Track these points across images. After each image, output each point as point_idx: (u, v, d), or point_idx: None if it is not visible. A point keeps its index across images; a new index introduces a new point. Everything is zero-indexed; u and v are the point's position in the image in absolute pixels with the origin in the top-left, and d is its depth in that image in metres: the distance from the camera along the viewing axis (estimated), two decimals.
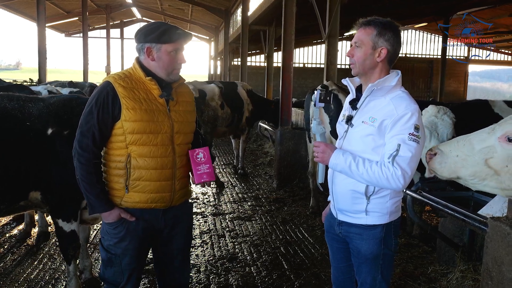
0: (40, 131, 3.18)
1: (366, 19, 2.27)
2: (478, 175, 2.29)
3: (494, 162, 2.24)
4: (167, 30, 2.37)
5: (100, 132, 2.34)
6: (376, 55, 2.22)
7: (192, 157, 2.50)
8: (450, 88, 28.62)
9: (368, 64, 2.24)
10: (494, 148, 2.24)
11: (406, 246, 4.89)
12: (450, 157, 2.32)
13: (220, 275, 4.20)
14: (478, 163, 2.27)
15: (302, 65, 30.40)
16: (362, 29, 2.25)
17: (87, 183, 2.35)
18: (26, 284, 3.89)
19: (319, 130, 2.37)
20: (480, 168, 2.27)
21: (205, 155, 2.51)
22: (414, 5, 15.76)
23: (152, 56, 2.40)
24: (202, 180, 2.50)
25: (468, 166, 2.29)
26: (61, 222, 3.32)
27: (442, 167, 2.35)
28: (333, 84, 6.10)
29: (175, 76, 2.48)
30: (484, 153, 2.25)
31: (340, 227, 2.41)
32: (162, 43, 2.37)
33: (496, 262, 2.47)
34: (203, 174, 2.49)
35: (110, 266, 2.46)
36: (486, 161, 2.25)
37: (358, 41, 2.25)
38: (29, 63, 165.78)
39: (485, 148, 2.26)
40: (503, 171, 2.23)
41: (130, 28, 37.69)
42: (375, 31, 2.21)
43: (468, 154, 2.29)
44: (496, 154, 2.23)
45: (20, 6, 24.25)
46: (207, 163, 2.50)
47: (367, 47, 2.22)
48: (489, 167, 2.25)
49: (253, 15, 16.13)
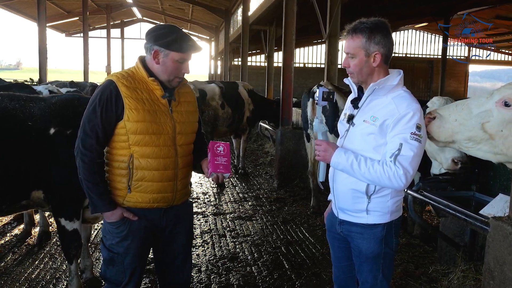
0: (42, 131, 3.18)
1: (352, 25, 2.24)
2: (474, 139, 2.29)
3: (490, 126, 2.24)
4: (179, 38, 2.34)
5: (104, 131, 2.33)
6: (371, 61, 2.21)
7: (213, 148, 2.47)
8: (451, 88, 28.59)
9: (366, 71, 2.24)
10: (491, 112, 2.24)
11: (407, 246, 4.89)
12: (449, 122, 2.32)
13: (221, 275, 4.20)
14: (474, 127, 2.27)
15: (302, 65, 30.38)
16: (350, 39, 2.22)
17: (91, 182, 2.34)
18: (27, 284, 3.89)
19: (321, 128, 2.36)
20: (476, 132, 2.27)
21: (225, 149, 2.48)
22: (414, 5, 15.77)
23: (158, 60, 2.38)
24: (218, 170, 2.43)
25: (464, 130, 2.29)
26: (63, 221, 3.32)
27: (440, 131, 2.34)
28: (329, 84, 6.10)
29: (175, 84, 2.47)
30: (481, 117, 2.26)
31: (341, 226, 2.41)
32: (171, 50, 2.34)
33: (498, 262, 2.47)
34: (220, 165, 2.45)
35: (112, 265, 2.46)
36: (483, 125, 2.25)
37: (349, 52, 2.23)
38: (30, 63, 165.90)
39: (483, 112, 2.26)
40: (497, 135, 2.23)
41: (130, 28, 37.76)
42: (363, 38, 2.18)
43: (466, 118, 2.29)
44: (493, 118, 2.23)
45: (20, 6, 24.24)
46: (226, 156, 2.48)
47: (360, 56, 2.21)
48: (484, 131, 2.26)
49: (253, 15, 16.13)
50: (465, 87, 30.87)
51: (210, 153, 2.47)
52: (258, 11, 15.17)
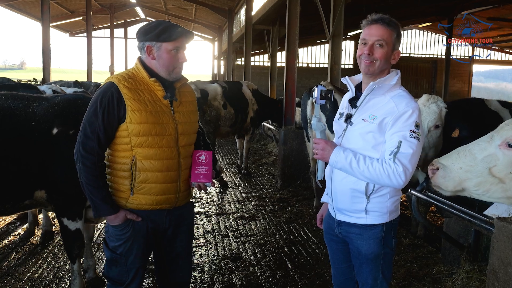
0: (45, 131, 3.18)
1: (382, 16, 2.20)
2: (483, 185, 2.26)
3: (498, 170, 2.22)
4: (167, 28, 2.33)
5: (105, 134, 2.31)
6: (392, 58, 2.23)
7: (195, 157, 2.53)
8: (454, 88, 28.52)
9: (385, 65, 2.22)
10: (496, 156, 2.22)
11: (411, 247, 4.87)
12: (453, 170, 2.29)
13: (224, 275, 4.20)
14: (482, 173, 2.24)
15: (306, 65, 30.38)
16: (383, 28, 2.18)
17: (93, 186, 2.31)
18: (30, 283, 3.89)
19: (319, 127, 2.35)
20: (484, 177, 2.24)
21: (206, 158, 2.54)
22: (418, 5, 15.72)
23: (153, 55, 2.38)
24: (198, 180, 2.52)
25: (472, 177, 2.26)
26: (66, 221, 3.32)
27: (447, 181, 2.31)
28: (329, 85, 6.08)
29: (177, 75, 2.46)
30: (487, 162, 2.23)
31: (340, 228, 2.40)
32: (162, 41, 2.34)
33: (502, 262, 2.46)
34: (200, 174, 2.52)
35: (115, 266, 2.46)
36: (490, 169, 2.23)
37: (382, 40, 2.18)
38: (33, 63, 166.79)
39: (487, 156, 2.24)
40: (507, 177, 2.21)
41: (134, 28, 37.70)
42: (395, 34, 2.20)
43: (471, 165, 2.26)
44: (499, 161, 2.21)
45: (24, 6, 24.34)
46: (207, 165, 2.53)
47: (389, 48, 2.20)
48: (493, 175, 2.23)
49: (256, 14, 16.14)
50: (469, 87, 30.79)
51: (192, 162, 2.53)
52: (261, 11, 15.18)
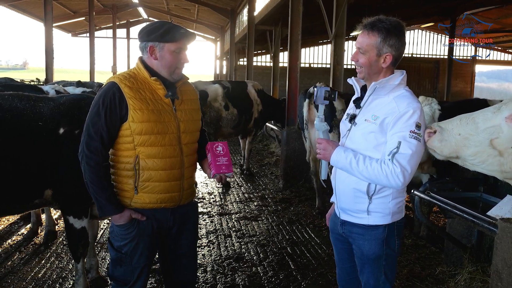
0: (52, 131, 3.21)
1: (370, 20, 2.22)
2: (480, 155, 2.21)
3: (499, 142, 2.17)
4: (171, 29, 2.35)
5: (109, 134, 2.33)
6: (381, 61, 2.21)
7: (212, 149, 2.51)
8: (457, 89, 28.46)
9: (374, 69, 2.24)
10: (500, 128, 2.16)
11: (414, 247, 4.87)
12: (452, 135, 2.25)
13: (227, 275, 4.20)
14: (482, 143, 2.19)
15: (308, 65, 30.35)
16: (365, 34, 2.21)
17: (98, 186, 2.33)
18: (33, 283, 3.91)
19: (322, 127, 2.37)
20: (483, 148, 2.20)
21: (224, 149, 2.52)
22: (420, 5, 15.70)
23: (155, 55, 2.39)
24: (221, 171, 2.48)
25: (470, 145, 2.22)
26: (72, 219, 3.34)
27: (443, 145, 2.25)
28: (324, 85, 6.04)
29: (177, 76, 2.47)
30: (489, 132, 2.18)
31: (343, 227, 2.41)
32: (165, 42, 2.36)
33: (506, 263, 2.45)
34: (222, 165, 2.49)
35: (120, 265, 2.46)
36: (491, 141, 2.18)
37: (361, 48, 2.22)
38: (36, 63, 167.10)
39: (491, 127, 2.18)
40: (507, 151, 2.17)
41: (136, 28, 37.76)
42: (379, 38, 2.17)
43: (472, 133, 2.21)
44: (502, 134, 2.16)
45: (27, 6, 24.39)
46: (226, 155, 2.51)
47: (371, 54, 2.20)
48: (493, 147, 2.18)
49: (259, 15, 16.14)
50: (471, 87, 30.70)
51: (211, 155, 2.50)
52: (264, 11, 15.18)
